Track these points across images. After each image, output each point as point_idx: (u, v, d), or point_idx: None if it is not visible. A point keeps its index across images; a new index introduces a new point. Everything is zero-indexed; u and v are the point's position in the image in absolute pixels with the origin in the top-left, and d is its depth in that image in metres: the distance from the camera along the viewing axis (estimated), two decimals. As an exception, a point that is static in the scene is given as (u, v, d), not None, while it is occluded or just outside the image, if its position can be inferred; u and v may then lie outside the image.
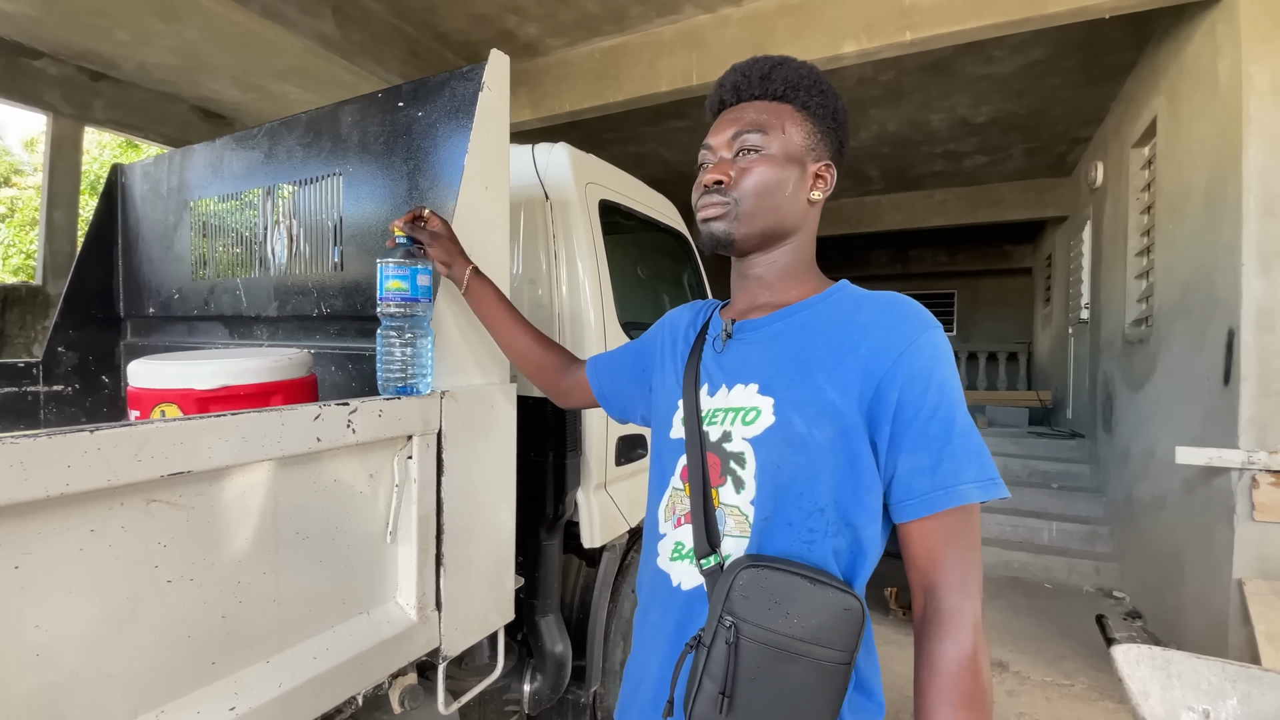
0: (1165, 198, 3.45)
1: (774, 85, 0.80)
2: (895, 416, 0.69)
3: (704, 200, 0.80)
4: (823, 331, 0.76)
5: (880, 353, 0.70)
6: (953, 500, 0.68)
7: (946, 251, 10.15)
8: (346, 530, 1.02)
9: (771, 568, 0.68)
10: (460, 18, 3.76)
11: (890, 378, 0.70)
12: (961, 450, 0.68)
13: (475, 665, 1.49)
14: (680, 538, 0.80)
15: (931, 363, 0.70)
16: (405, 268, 1.08)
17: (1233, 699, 1.57)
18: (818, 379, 0.72)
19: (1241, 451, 2.46)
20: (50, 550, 0.70)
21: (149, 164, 2.04)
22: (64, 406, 2.02)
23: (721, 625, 0.67)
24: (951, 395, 0.70)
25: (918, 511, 0.69)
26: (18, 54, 3.93)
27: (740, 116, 0.80)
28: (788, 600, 0.66)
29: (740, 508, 0.75)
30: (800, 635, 0.65)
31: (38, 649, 0.70)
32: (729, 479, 0.76)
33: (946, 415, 0.69)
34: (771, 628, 0.65)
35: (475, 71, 1.30)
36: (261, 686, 0.88)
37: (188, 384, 1.15)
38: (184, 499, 0.81)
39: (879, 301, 0.76)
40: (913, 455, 0.69)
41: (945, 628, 0.67)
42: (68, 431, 0.68)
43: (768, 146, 0.78)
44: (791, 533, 0.72)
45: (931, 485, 0.68)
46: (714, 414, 0.79)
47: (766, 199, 0.78)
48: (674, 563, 0.80)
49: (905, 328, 0.72)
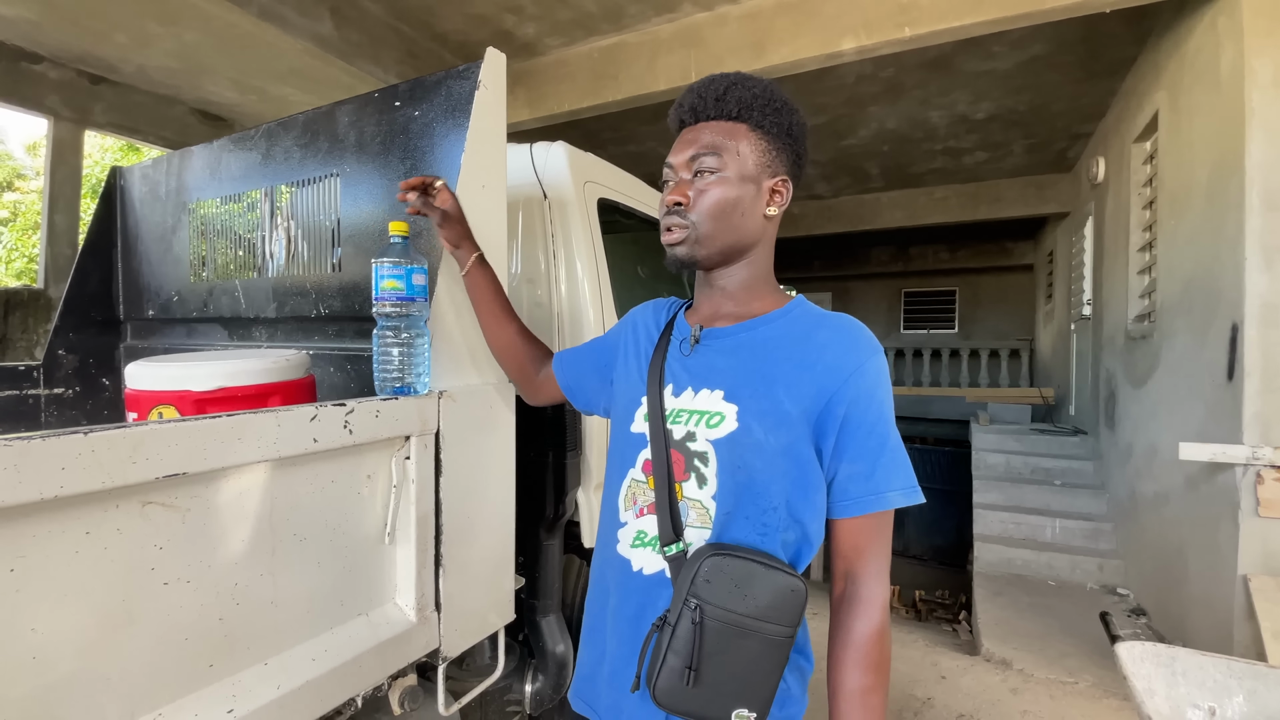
0: (1167, 193, 3.44)
1: (728, 106, 0.84)
2: (841, 429, 0.79)
3: (666, 222, 0.86)
4: (782, 347, 0.84)
5: (833, 372, 0.80)
6: (881, 504, 0.79)
7: (947, 248, 10.13)
8: (344, 531, 1.01)
9: (732, 555, 0.76)
10: (458, 18, 3.76)
11: (840, 395, 0.79)
12: (891, 463, 0.79)
13: (476, 666, 1.49)
14: (643, 526, 0.86)
15: (875, 384, 0.80)
16: (400, 267, 1.08)
17: (1239, 696, 1.56)
18: (777, 391, 0.80)
19: (1246, 447, 2.45)
20: (45, 553, 0.70)
21: (147, 166, 2.04)
22: (65, 409, 2.02)
23: (687, 607, 0.75)
24: (888, 414, 0.81)
25: (851, 511, 0.80)
26: (18, 58, 3.94)
27: (697, 138, 0.85)
28: (745, 583, 0.75)
29: (702, 501, 0.82)
30: (755, 614, 0.75)
31: (34, 652, 0.70)
32: (693, 475, 0.83)
33: (882, 432, 0.79)
34: (731, 608, 0.75)
35: (471, 70, 1.30)
36: (259, 689, 0.87)
37: (185, 386, 1.14)
38: (180, 501, 0.80)
39: (834, 324, 0.85)
40: (852, 463, 0.79)
41: (861, 608, 0.79)
42: (62, 434, 0.67)
43: (723, 168, 0.83)
44: (748, 525, 0.80)
45: (865, 490, 0.79)
46: (678, 414, 0.86)
47: (723, 220, 0.83)
48: (635, 549, 0.86)
49: (856, 352, 0.81)
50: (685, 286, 2.64)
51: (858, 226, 7.67)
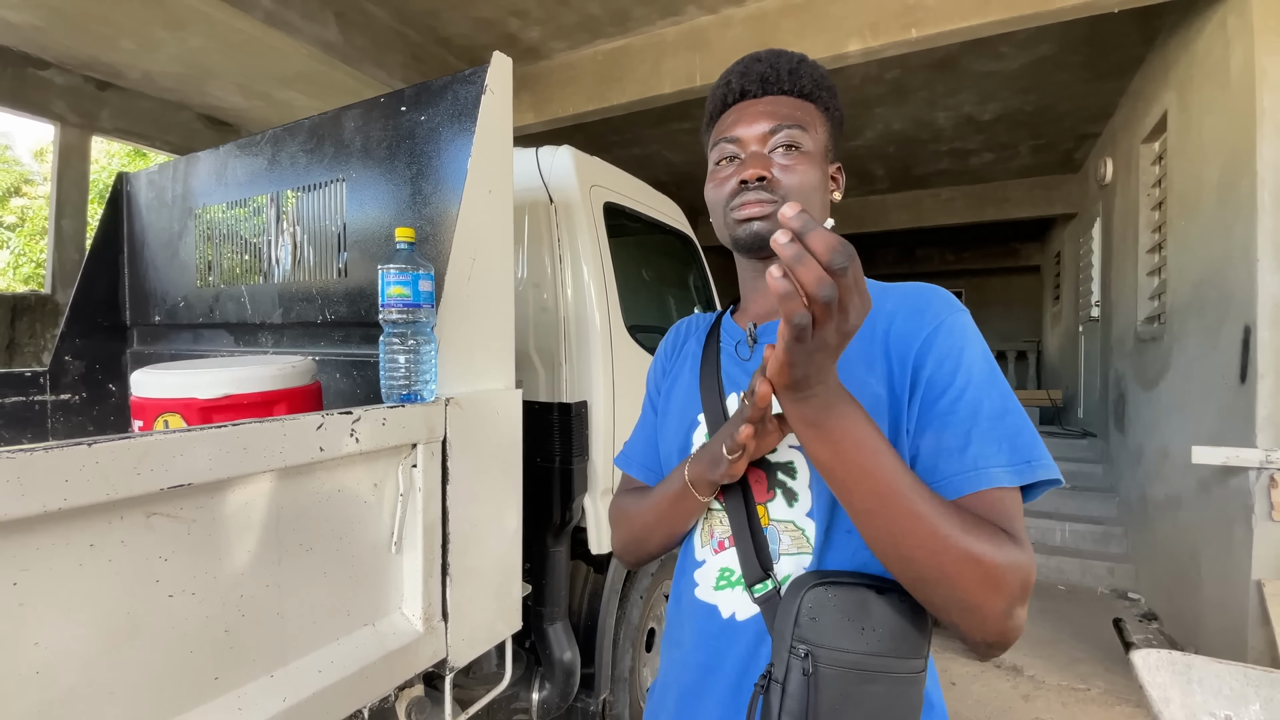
0: (1177, 193, 3.41)
1: (803, 82, 0.77)
2: (924, 397, 0.66)
3: (745, 197, 0.74)
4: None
5: (906, 337, 0.68)
6: (981, 482, 0.61)
7: (953, 250, 10.09)
8: (350, 541, 1.00)
9: (837, 582, 0.63)
10: (463, 22, 3.76)
11: (920, 359, 0.66)
12: (991, 434, 0.63)
13: (483, 674, 1.48)
14: (725, 563, 0.73)
15: (961, 343, 0.67)
16: (407, 273, 1.07)
17: (1255, 704, 1.53)
18: (858, 372, 0.68)
19: (1259, 450, 2.42)
20: (49, 566, 0.69)
21: (154, 172, 2.04)
22: (71, 415, 2.02)
23: (794, 655, 0.61)
24: (982, 376, 0.65)
25: (944, 494, 0.63)
26: (25, 64, 3.96)
27: (774, 110, 0.75)
28: (861, 614, 0.61)
29: (795, 522, 0.70)
30: (878, 650, 0.61)
31: (37, 666, 0.69)
32: (778, 492, 0.71)
33: (974, 397, 0.64)
34: (848, 648, 0.60)
35: (478, 74, 1.29)
36: (265, 701, 0.86)
37: (190, 393, 1.14)
38: (185, 512, 0.79)
39: (903, 289, 0.74)
40: (939, 436, 0.65)
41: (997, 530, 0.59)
42: (65, 445, 0.67)
43: (806, 144, 0.75)
44: (851, 541, 0.67)
45: (959, 467, 0.63)
46: None
47: (809, 198, 0.74)
48: (720, 592, 0.73)
49: (930, 311, 0.69)
50: (693, 291, 2.63)
51: (863, 228, 7.64)
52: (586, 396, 1.79)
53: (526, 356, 1.81)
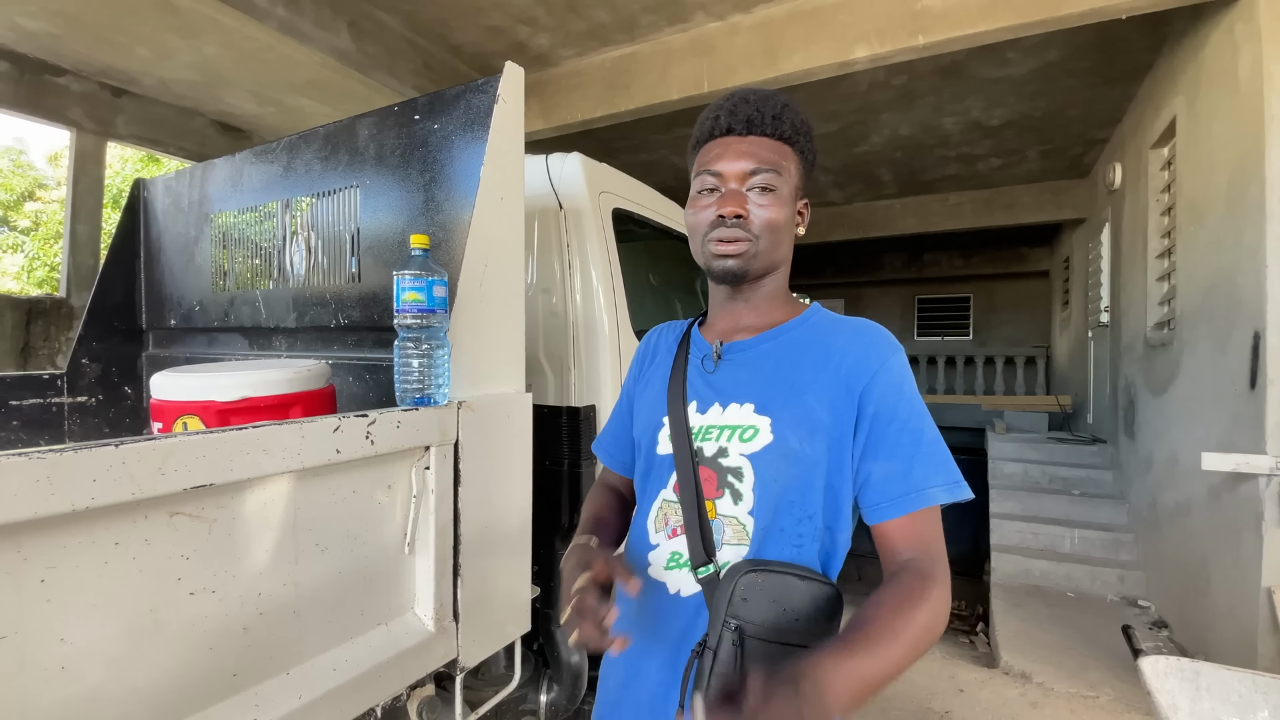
0: (1186, 199, 3.40)
1: (784, 127, 0.84)
2: (870, 427, 0.77)
3: (721, 233, 0.82)
4: (807, 354, 0.83)
5: (857, 372, 0.79)
6: (924, 501, 0.74)
7: (961, 255, 10.05)
8: (365, 541, 1.02)
9: (767, 570, 0.75)
10: (473, 30, 3.80)
11: (868, 394, 0.78)
12: (930, 457, 0.76)
13: (492, 676, 1.49)
14: (677, 547, 0.84)
15: (901, 380, 0.79)
16: (421, 279, 1.09)
17: (1264, 711, 1.53)
18: (808, 399, 0.79)
19: (1269, 457, 2.41)
20: (76, 563, 0.71)
21: (170, 178, 2.08)
22: (88, 418, 2.05)
23: (726, 628, 0.73)
24: (919, 409, 0.78)
25: (891, 512, 0.76)
26: (41, 71, 4.03)
27: (755, 152, 0.83)
28: (783, 598, 0.73)
29: (738, 518, 0.80)
30: (796, 627, 0.73)
31: (63, 661, 0.71)
32: (727, 491, 0.81)
33: (916, 426, 0.77)
34: (771, 624, 0.73)
35: (490, 84, 1.31)
36: (282, 699, 0.88)
37: (209, 396, 1.16)
38: (206, 511, 0.81)
39: (852, 327, 0.85)
40: (887, 462, 0.76)
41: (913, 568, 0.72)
42: (93, 446, 0.69)
43: (780, 187, 0.83)
44: (784, 538, 0.79)
45: (905, 488, 0.75)
46: (707, 430, 0.84)
47: (777, 237, 0.84)
48: (670, 571, 0.84)
49: (877, 350, 0.80)
50: (700, 296, 2.64)
51: (871, 233, 7.63)
52: (595, 400, 1.80)
53: (536, 360, 1.83)
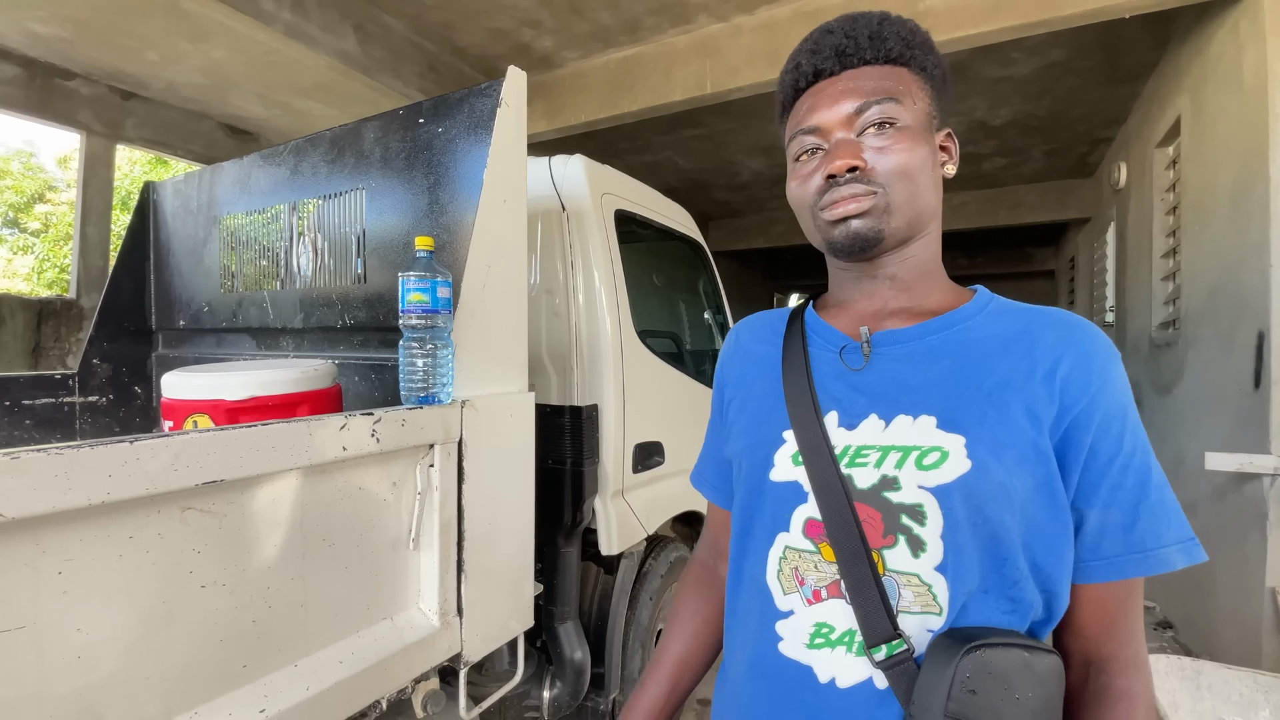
0: (1190, 198, 3.39)
1: (889, 45, 0.65)
2: (1087, 463, 0.58)
3: (836, 194, 0.63)
4: (1004, 353, 0.62)
5: (1075, 384, 0.59)
6: (1149, 567, 0.57)
7: (965, 255, 10.04)
8: (370, 537, 1.04)
9: (992, 645, 0.54)
10: (477, 33, 3.82)
11: (1085, 416, 0.58)
12: (1159, 507, 0.58)
13: (495, 671, 1.51)
14: (822, 617, 0.62)
15: (1126, 401, 0.60)
16: (426, 280, 1.11)
17: (1265, 710, 1.53)
18: (1014, 413, 0.58)
19: (1273, 457, 2.40)
20: (91, 556, 0.73)
21: (179, 181, 2.11)
22: (99, 417, 2.09)
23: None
24: (1144, 441, 0.60)
25: (1103, 575, 0.59)
26: (52, 75, 4.08)
27: (858, 85, 0.64)
28: (1015, 682, 0.53)
29: (920, 575, 0.58)
30: (1032, 718, 0.54)
31: (79, 651, 0.73)
32: (900, 539, 0.59)
33: (1142, 464, 0.59)
34: (1004, 718, 0.53)
35: (493, 88, 1.33)
36: (290, 690, 0.90)
37: (218, 395, 1.18)
38: (217, 507, 0.83)
39: (1060, 321, 0.63)
40: (1106, 510, 0.58)
41: (1121, 708, 0.58)
42: (109, 442, 0.71)
43: (902, 117, 0.63)
44: (989, 602, 0.58)
45: (1125, 547, 0.58)
46: (861, 452, 0.62)
47: (915, 182, 0.63)
48: (815, 651, 0.61)
49: (1099, 357, 0.60)
50: (703, 298, 2.66)
51: (874, 233, 7.62)
52: (598, 400, 1.82)
53: (539, 361, 1.85)
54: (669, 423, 2.13)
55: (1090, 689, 0.60)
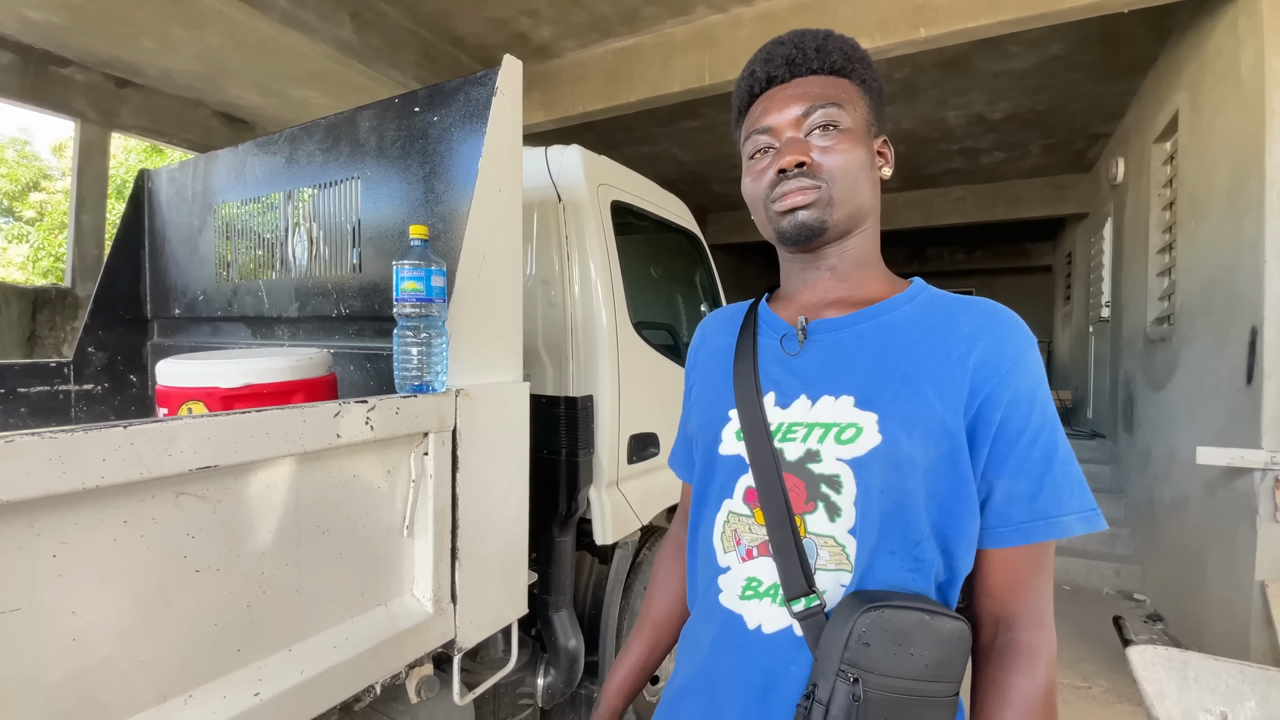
0: (1187, 194, 3.40)
1: (832, 57, 0.72)
2: (996, 437, 0.64)
3: (785, 187, 0.70)
4: (923, 339, 0.68)
5: (986, 367, 0.65)
6: (1052, 532, 0.63)
7: (964, 250, 10.05)
8: (365, 524, 1.05)
9: (891, 606, 0.60)
10: (475, 22, 3.80)
11: (995, 396, 0.64)
12: (1063, 479, 0.64)
13: (489, 659, 1.52)
14: (752, 572, 0.69)
15: (1036, 382, 0.65)
16: (420, 269, 1.11)
17: (1251, 701, 1.55)
18: (925, 392, 0.65)
19: (1265, 452, 2.42)
20: (86, 540, 0.74)
21: (175, 169, 2.10)
22: (94, 405, 2.09)
23: (843, 679, 0.59)
24: (1052, 419, 0.66)
25: (1010, 540, 0.64)
26: (46, 62, 4.05)
27: (806, 91, 0.71)
28: (910, 639, 0.59)
29: (836, 538, 0.66)
30: (923, 675, 0.60)
31: (74, 634, 0.74)
32: (820, 505, 0.66)
33: (1049, 440, 0.65)
34: (897, 673, 0.59)
35: (489, 76, 1.33)
36: (284, 674, 0.91)
37: (213, 382, 1.19)
38: (211, 492, 0.84)
39: (980, 309, 0.69)
40: (1013, 480, 0.64)
41: (1021, 660, 0.64)
42: (103, 427, 0.71)
43: (844, 121, 0.70)
44: (894, 563, 0.64)
45: (1030, 514, 0.64)
46: (791, 428, 0.69)
47: (855, 179, 0.70)
48: (746, 601, 0.69)
49: (1012, 342, 0.66)
50: (699, 289, 2.66)
51: (872, 227, 7.62)
52: (593, 391, 1.83)
53: (535, 351, 1.85)
54: (664, 414, 2.13)
55: (997, 644, 0.66)
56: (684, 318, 2.63)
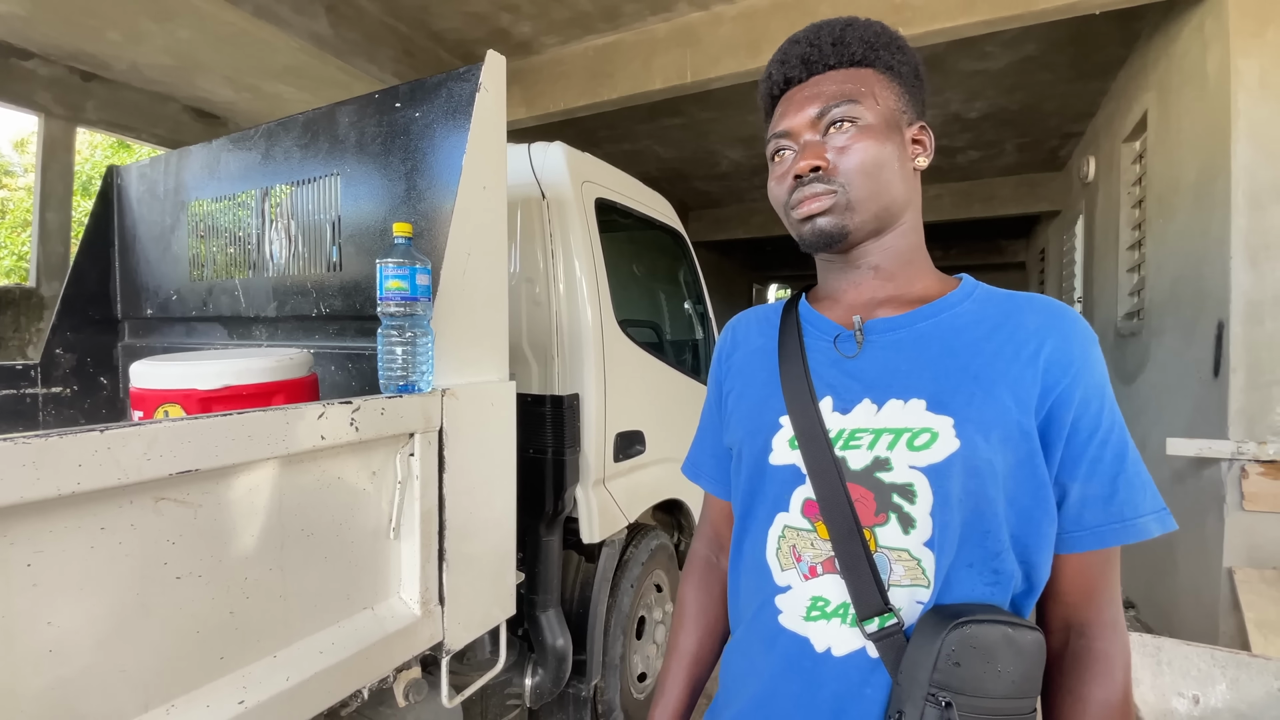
0: (1156, 192, 3.49)
1: (851, 49, 0.69)
2: (1069, 439, 0.62)
3: (801, 194, 0.68)
4: (989, 337, 0.65)
5: (1059, 365, 0.63)
6: (1128, 535, 0.61)
7: (940, 247, 10.21)
8: (350, 527, 1.03)
9: (977, 621, 0.58)
10: (454, 16, 3.76)
11: (1067, 395, 0.62)
12: (1136, 479, 0.62)
13: (477, 660, 1.51)
14: (818, 591, 0.66)
15: (1104, 381, 0.64)
16: (404, 267, 1.09)
17: (1221, 685, 1.59)
18: (1000, 394, 0.62)
19: (1231, 442, 2.50)
20: (62, 548, 0.72)
21: (145, 166, 2.05)
22: (63, 408, 2.03)
23: (932, 703, 0.56)
24: (1120, 418, 0.64)
25: (1086, 544, 0.63)
26: (8, 55, 3.91)
27: (820, 91, 0.69)
28: (996, 656, 0.57)
29: (910, 551, 0.62)
30: (1011, 693, 0.58)
31: (50, 644, 0.72)
32: (892, 516, 0.63)
33: (1120, 440, 0.63)
34: (987, 693, 0.57)
35: (472, 72, 1.32)
36: (269, 680, 0.89)
37: (190, 384, 1.16)
38: (192, 497, 0.82)
39: (1041, 305, 0.67)
40: (1087, 484, 0.62)
41: (1098, 669, 0.62)
42: (78, 431, 0.69)
43: (864, 116, 0.67)
44: (972, 575, 0.62)
45: (1105, 517, 0.62)
46: (855, 435, 0.65)
47: (876, 178, 0.67)
48: (812, 623, 0.65)
49: (1079, 339, 0.64)
50: (683, 287, 2.66)
51: (851, 224, 7.70)
52: (578, 389, 1.82)
53: (519, 350, 1.84)
54: (650, 411, 2.13)
55: (1070, 651, 0.64)
56: (668, 315, 2.63)
